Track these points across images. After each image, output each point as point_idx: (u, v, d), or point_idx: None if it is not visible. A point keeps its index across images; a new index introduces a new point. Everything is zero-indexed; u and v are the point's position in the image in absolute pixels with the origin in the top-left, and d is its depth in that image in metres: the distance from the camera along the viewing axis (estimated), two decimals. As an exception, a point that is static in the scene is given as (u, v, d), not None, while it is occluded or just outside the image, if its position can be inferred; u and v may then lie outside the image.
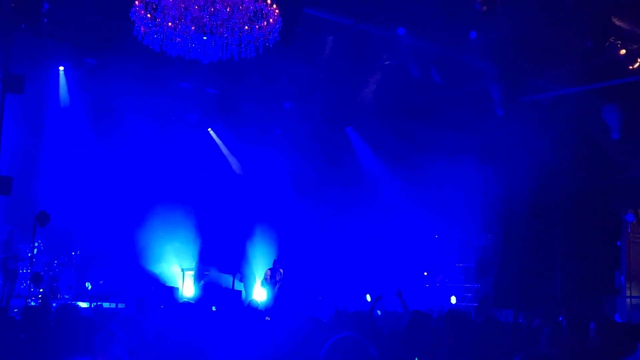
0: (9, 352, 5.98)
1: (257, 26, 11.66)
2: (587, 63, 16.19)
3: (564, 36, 14.93)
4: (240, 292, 18.81)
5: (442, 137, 19.98)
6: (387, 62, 18.45)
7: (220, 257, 20.14)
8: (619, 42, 15.33)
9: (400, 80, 18.57)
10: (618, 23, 14.32)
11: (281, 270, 19.54)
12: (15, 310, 14.39)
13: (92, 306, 16.24)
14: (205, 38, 11.83)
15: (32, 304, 14.75)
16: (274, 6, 11.56)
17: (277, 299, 18.88)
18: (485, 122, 18.76)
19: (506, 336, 7.45)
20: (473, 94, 18.60)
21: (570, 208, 19.71)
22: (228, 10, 11.31)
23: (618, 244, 20.27)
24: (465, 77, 17.93)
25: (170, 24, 11.58)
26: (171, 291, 18.29)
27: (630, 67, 15.90)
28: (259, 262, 20.61)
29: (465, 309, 19.88)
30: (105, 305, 15.82)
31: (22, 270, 16.46)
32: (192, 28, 11.61)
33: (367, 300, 18.56)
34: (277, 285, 19.25)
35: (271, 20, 11.64)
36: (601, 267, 19.76)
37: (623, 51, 15.53)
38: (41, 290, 16.68)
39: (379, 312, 12.46)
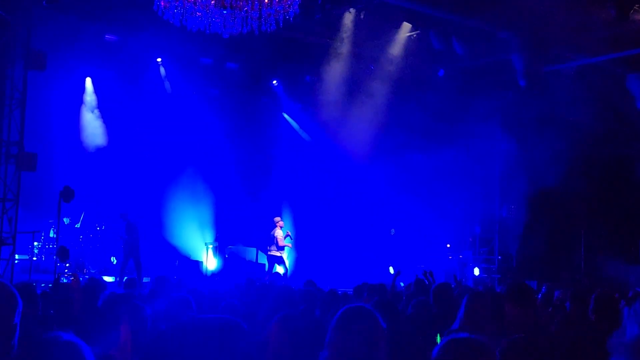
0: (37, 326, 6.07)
1: (277, -1, 11.63)
2: (611, 31, 15.98)
3: (588, 4, 14.73)
4: (263, 265, 18.91)
5: (464, 108, 19.88)
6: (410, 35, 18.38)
7: (243, 231, 20.24)
8: (644, 9, 15.09)
9: (421, 51, 18.50)
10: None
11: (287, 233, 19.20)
12: (42, 285, 14.61)
13: (118, 280, 16.46)
14: (225, 12, 11.81)
15: (64, 280, 14.90)
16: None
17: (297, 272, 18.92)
18: (508, 94, 18.63)
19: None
20: (495, 65, 18.46)
21: (594, 177, 19.56)
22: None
23: (643, 213, 20.13)
24: (488, 49, 17.81)
25: (190, -2, 11.58)
26: (195, 264, 18.45)
27: (655, 36, 15.70)
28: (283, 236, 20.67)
29: (488, 280, 19.93)
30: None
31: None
32: (212, 2, 11.60)
33: (390, 273, 18.63)
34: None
35: (291, -8, 11.59)
36: (626, 237, 19.64)
37: (648, 19, 15.30)
38: (67, 265, 16.87)
39: (402, 284, 12.48)
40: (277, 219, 19.08)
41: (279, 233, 18.71)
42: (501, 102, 19.25)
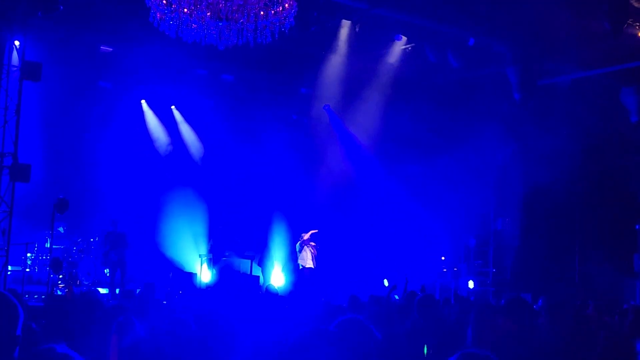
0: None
1: (272, 11, 11.65)
2: (605, 45, 16.05)
3: (582, 18, 14.79)
4: (257, 277, 18.84)
5: (459, 120, 19.91)
6: (405, 47, 18.41)
7: (238, 242, 20.18)
8: (638, 24, 15.18)
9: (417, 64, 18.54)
10: (636, 5, 14.18)
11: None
12: (35, 296, 14.55)
13: (111, 292, 16.39)
14: (221, 24, 11.83)
15: (59, 292, 14.85)
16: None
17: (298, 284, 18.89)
18: (503, 106, 18.66)
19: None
20: (490, 77, 18.50)
21: (589, 191, 19.60)
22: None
23: (637, 227, 20.14)
24: (483, 61, 17.84)
25: (186, 10, 11.59)
26: (189, 277, 18.37)
27: (649, 49, 15.78)
28: (277, 247, 20.63)
29: (483, 294, 19.91)
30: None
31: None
32: (208, 14, 11.62)
33: (384, 285, 18.59)
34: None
35: (286, 5, 11.62)
36: (620, 250, 19.67)
37: (642, 33, 15.39)
38: (60, 276, 16.80)
39: (396, 297, 12.46)
40: (305, 235, 19.18)
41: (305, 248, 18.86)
42: (496, 114, 19.28)
